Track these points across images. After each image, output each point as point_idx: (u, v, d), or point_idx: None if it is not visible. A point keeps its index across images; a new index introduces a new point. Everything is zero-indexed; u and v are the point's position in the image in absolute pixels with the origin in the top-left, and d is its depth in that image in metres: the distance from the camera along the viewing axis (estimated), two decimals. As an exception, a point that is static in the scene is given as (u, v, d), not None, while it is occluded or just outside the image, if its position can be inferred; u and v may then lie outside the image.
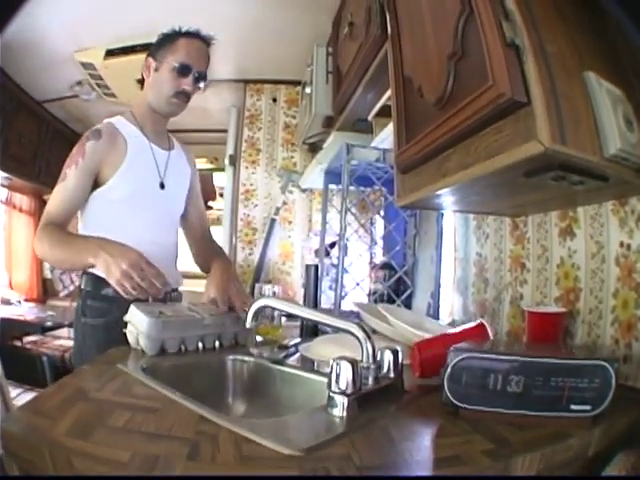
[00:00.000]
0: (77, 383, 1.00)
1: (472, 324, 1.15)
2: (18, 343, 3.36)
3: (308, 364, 1.23)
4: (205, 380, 1.22)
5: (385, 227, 2.26)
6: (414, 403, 0.93)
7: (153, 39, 1.62)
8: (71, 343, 1.64)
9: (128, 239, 1.37)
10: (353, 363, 0.83)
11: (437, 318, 1.90)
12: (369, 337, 0.91)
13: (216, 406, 1.11)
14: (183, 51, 1.54)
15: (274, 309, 1.36)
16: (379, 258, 2.43)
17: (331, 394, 0.83)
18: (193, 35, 1.57)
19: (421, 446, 0.77)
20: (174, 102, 1.58)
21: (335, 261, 2.32)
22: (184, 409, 0.84)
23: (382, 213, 2.33)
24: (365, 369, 0.89)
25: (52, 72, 3.28)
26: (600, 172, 0.86)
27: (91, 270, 1.47)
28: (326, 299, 2.32)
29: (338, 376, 0.82)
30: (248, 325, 1.08)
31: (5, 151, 3.37)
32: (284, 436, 0.73)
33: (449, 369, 0.83)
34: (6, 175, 3.70)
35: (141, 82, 1.62)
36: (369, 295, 2.23)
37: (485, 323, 1.13)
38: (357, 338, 0.90)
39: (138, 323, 1.24)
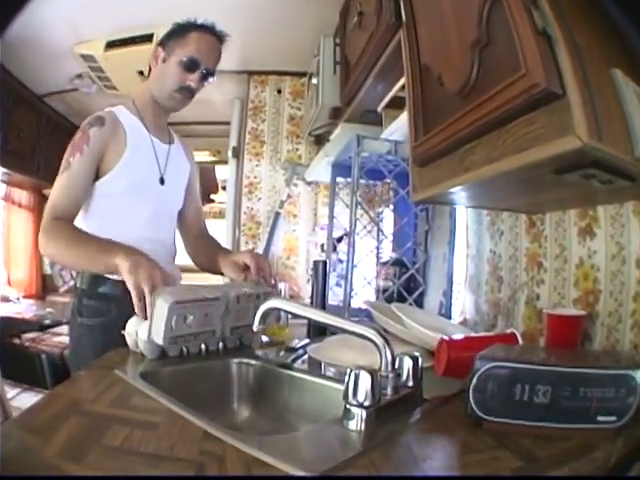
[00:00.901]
0: (71, 393, 0.94)
1: (503, 332, 1.09)
2: (17, 341, 3.32)
3: (317, 368, 1.17)
4: (209, 385, 1.16)
5: (395, 222, 2.21)
6: (434, 414, 0.87)
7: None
8: (71, 340, 1.59)
9: (126, 234, 1.33)
10: (372, 373, 0.77)
11: (450, 317, 1.85)
12: (388, 344, 0.84)
13: (221, 413, 1.07)
14: (193, 45, 1.48)
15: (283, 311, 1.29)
16: (387, 254, 2.38)
17: (348, 406, 0.77)
18: (206, 29, 1.50)
19: (447, 465, 0.72)
20: (177, 97, 1.51)
21: (342, 257, 2.27)
22: (187, 423, 0.77)
23: (392, 207, 2.27)
24: (384, 378, 0.83)
25: (52, 65, 3.25)
26: (629, 172, 0.82)
27: None
28: (332, 295, 2.27)
29: (356, 387, 0.76)
30: (255, 328, 1.02)
31: (4, 146, 3.35)
32: (298, 456, 0.68)
33: (475, 379, 0.78)
34: (5, 170, 3.66)
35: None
36: (377, 292, 2.17)
37: (516, 333, 1.07)
38: (376, 345, 0.84)
39: (157, 318, 1.14)
